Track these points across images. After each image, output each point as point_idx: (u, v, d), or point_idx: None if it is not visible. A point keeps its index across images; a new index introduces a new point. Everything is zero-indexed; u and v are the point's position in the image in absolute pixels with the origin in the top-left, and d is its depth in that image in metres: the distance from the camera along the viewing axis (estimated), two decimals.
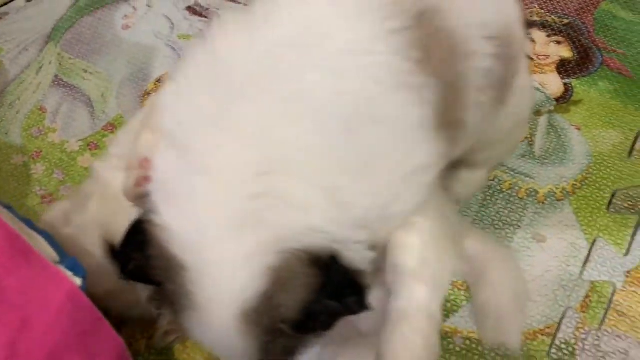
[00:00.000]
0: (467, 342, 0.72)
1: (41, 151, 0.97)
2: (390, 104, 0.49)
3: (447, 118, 0.54)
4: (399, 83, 0.49)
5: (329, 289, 0.49)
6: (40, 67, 1.13)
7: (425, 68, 0.50)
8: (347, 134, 0.48)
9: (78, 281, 0.48)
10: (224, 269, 0.49)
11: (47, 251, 0.51)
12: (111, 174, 0.66)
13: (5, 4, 1.29)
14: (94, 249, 0.63)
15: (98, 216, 0.64)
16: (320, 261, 0.49)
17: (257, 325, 0.50)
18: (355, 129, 0.48)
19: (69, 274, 0.49)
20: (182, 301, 0.51)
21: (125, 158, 0.68)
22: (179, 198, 0.51)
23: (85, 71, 1.11)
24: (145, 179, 0.57)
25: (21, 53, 1.16)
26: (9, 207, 0.59)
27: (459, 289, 0.77)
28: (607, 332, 0.72)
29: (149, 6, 1.25)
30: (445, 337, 0.73)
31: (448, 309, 0.75)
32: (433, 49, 0.51)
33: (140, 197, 0.58)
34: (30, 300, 0.44)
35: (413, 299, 0.56)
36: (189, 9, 1.24)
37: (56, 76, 1.11)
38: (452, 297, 0.76)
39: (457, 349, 0.72)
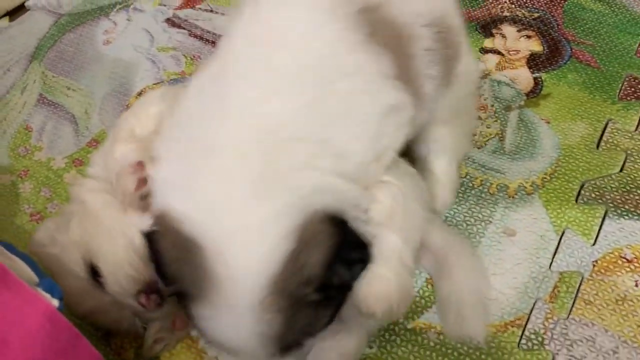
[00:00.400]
0: (441, 336, 0.75)
1: (28, 170, 1.00)
2: (353, 61, 0.60)
3: (405, 78, 0.64)
4: (356, 47, 0.60)
5: (346, 247, 0.56)
6: (25, 87, 1.16)
7: (376, 40, 0.61)
8: (323, 90, 0.58)
9: (55, 302, 0.51)
10: (250, 236, 0.54)
11: (26, 273, 0.54)
12: (89, 195, 0.69)
13: None
14: (77, 268, 0.66)
15: (78, 237, 0.67)
16: (335, 220, 0.56)
17: (283, 293, 0.54)
18: (329, 85, 0.59)
19: (47, 295, 0.52)
20: (202, 286, 0.55)
21: (102, 177, 0.71)
22: (190, 183, 0.56)
23: (68, 88, 1.14)
24: (144, 180, 0.62)
25: (5, 73, 1.19)
26: None
27: (431, 285, 0.79)
28: (575, 320, 0.74)
29: (128, 20, 1.28)
30: (419, 332, 0.75)
31: (422, 305, 0.78)
32: (379, 28, 0.62)
33: (143, 198, 0.63)
34: (7, 322, 0.47)
35: (385, 244, 0.62)
36: (168, 21, 1.26)
37: (40, 95, 1.14)
38: (426, 294, 0.79)
39: (431, 343, 0.74)
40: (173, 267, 0.59)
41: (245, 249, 0.54)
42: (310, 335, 0.62)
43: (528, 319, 0.75)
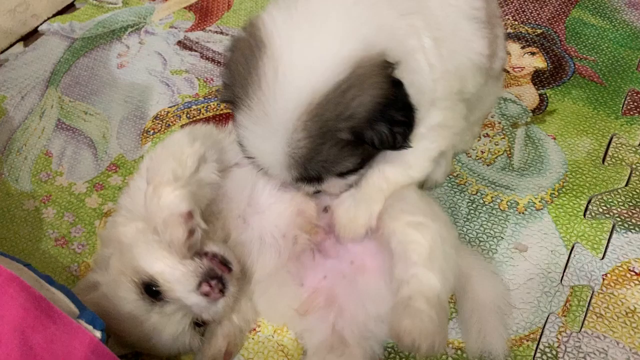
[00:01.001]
0: (459, 352, 0.78)
1: (50, 195, 1.03)
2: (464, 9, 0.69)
3: (490, 48, 0.73)
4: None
5: (394, 106, 0.59)
6: (43, 112, 1.19)
7: (484, 14, 0.71)
8: None
9: (98, 334, 0.54)
10: (308, 51, 0.58)
11: (67, 305, 0.57)
12: (122, 228, 0.72)
13: (3, 50, 1.34)
14: (129, 294, 0.69)
15: (123, 266, 0.70)
16: (391, 75, 0.59)
17: (319, 119, 0.58)
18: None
19: (89, 327, 0.54)
20: (250, 90, 0.59)
21: (131, 209, 0.75)
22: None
23: (86, 113, 1.17)
24: (193, 231, 0.70)
25: (23, 99, 1.22)
26: (28, 265, 0.64)
27: (448, 302, 0.82)
28: (587, 333, 0.77)
29: (140, 43, 1.31)
30: None
31: None
32: (489, 11, 0.73)
33: (191, 248, 0.68)
34: (56, 355, 0.50)
35: (425, 284, 0.66)
36: (179, 43, 1.29)
37: (59, 120, 1.16)
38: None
39: (449, 359, 0.77)
40: (234, 69, 0.62)
41: (299, 63, 0.57)
42: (329, 173, 0.65)
43: (542, 333, 0.78)
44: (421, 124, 0.66)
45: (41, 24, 1.40)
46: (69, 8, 1.46)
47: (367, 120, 0.59)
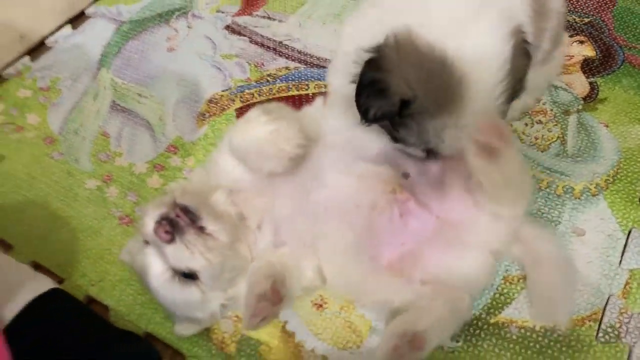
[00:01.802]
0: (522, 330, 0.81)
1: (111, 175, 1.06)
2: None
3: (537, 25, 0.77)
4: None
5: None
6: (97, 94, 1.21)
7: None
8: None
9: None
10: (486, 39, 0.66)
11: None
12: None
13: (52, 32, 1.36)
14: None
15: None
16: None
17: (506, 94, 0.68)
18: None
19: None
20: (447, 97, 0.66)
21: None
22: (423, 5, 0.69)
23: (140, 95, 1.19)
24: None
25: (76, 80, 1.24)
26: None
27: (510, 283, 0.85)
28: None
29: (189, 27, 1.33)
30: (501, 327, 0.81)
31: (502, 302, 0.84)
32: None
33: None
34: None
35: None
36: (227, 27, 1.31)
37: (113, 102, 1.19)
38: (505, 291, 0.84)
39: (514, 337, 0.80)
40: (412, 79, 0.67)
41: (486, 51, 0.66)
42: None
43: (603, 314, 0.81)
44: None
45: (88, 7, 1.42)
46: None
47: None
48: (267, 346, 0.83)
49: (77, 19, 1.40)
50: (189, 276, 0.77)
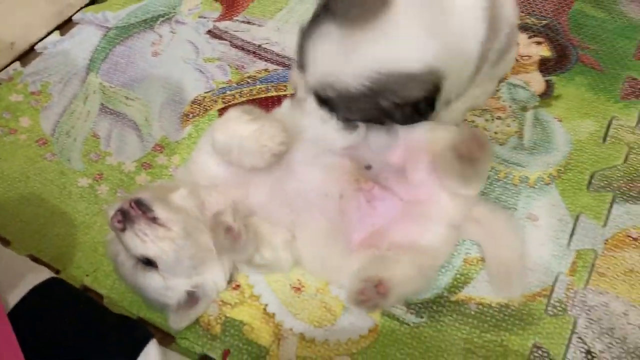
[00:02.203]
0: (480, 306, 0.89)
1: (102, 173, 1.13)
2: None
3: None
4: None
5: None
6: (87, 97, 1.27)
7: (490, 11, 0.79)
8: None
9: None
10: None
11: None
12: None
13: (41, 39, 1.42)
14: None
15: None
16: None
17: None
18: None
19: None
20: None
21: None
22: None
23: (127, 98, 1.26)
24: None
25: (66, 85, 1.31)
26: None
27: (470, 264, 0.93)
28: (591, 289, 0.89)
29: (172, 32, 1.40)
30: (462, 303, 0.90)
31: (462, 281, 0.92)
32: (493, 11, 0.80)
33: None
34: None
35: None
36: (209, 32, 1.38)
37: (102, 104, 1.26)
38: (465, 271, 0.93)
39: (472, 312, 0.89)
40: None
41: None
42: None
43: (552, 290, 0.90)
44: None
45: (75, 13, 1.48)
46: None
47: None
48: (250, 326, 0.91)
49: (65, 26, 1.47)
50: (150, 263, 0.85)
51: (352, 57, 0.72)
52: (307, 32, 0.77)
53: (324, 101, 0.80)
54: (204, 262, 0.88)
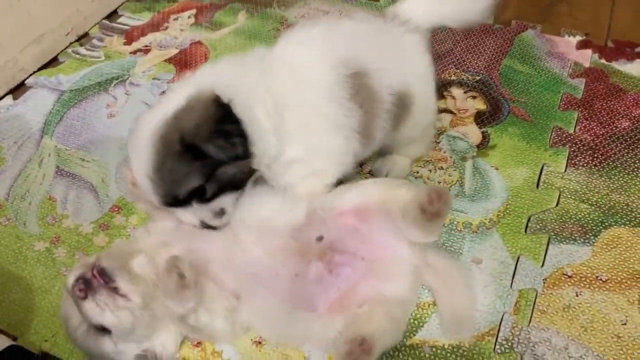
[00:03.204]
0: (434, 349, 0.94)
1: (59, 236, 1.14)
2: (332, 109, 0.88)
3: (365, 131, 0.93)
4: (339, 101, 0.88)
5: (223, 121, 0.81)
6: (41, 160, 1.29)
7: (355, 100, 0.89)
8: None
9: None
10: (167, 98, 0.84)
11: None
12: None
13: None
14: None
15: None
16: (219, 100, 0.80)
17: (162, 137, 0.78)
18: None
19: None
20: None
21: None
22: None
23: (83, 160, 1.28)
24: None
25: (20, 148, 1.32)
26: None
27: (422, 309, 0.99)
28: (534, 327, 0.96)
29: (127, 94, 1.44)
30: (416, 347, 0.94)
31: (416, 325, 0.97)
32: (361, 91, 0.90)
33: None
34: None
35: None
36: (164, 93, 1.43)
37: (57, 167, 1.27)
38: (418, 316, 0.98)
39: (427, 355, 0.94)
40: None
41: (160, 105, 0.82)
42: (183, 192, 0.82)
43: (499, 329, 0.96)
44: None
45: (27, 78, 1.50)
46: (52, 62, 1.56)
47: (201, 135, 0.78)
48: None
49: (17, 90, 1.49)
50: (103, 329, 0.86)
51: None
52: None
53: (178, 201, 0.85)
54: (156, 329, 0.90)
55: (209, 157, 0.79)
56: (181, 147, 0.78)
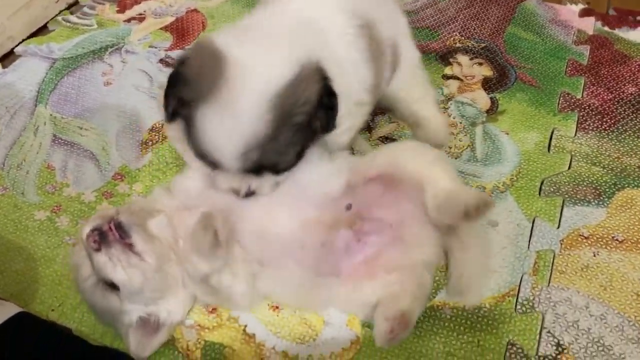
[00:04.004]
0: (454, 310, 0.93)
1: (61, 205, 1.09)
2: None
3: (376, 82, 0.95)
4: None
5: (327, 94, 0.80)
6: (37, 129, 1.23)
7: (369, 50, 0.90)
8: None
9: None
10: (264, 60, 0.76)
11: None
12: None
13: None
14: None
15: None
16: (324, 75, 0.79)
17: (279, 106, 0.74)
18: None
19: None
20: (214, 87, 0.74)
21: None
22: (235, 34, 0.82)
23: (81, 128, 1.23)
24: None
25: (13, 117, 1.26)
26: None
27: (441, 271, 0.97)
28: (554, 287, 0.95)
29: (123, 62, 1.38)
30: (437, 309, 0.93)
31: (435, 288, 0.95)
32: (372, 42, 0.91)
33: None
34: None
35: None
36: (162, 61, 1.38)
37: (54, 135, 1.22)
38: (437, 278, 0.97)
39: (448, 316, 0.92)
40: (190, 76, 0.77)
41: (259, 66, 0.76)
42: (278, 162, 0.81)
43: (519, 290, 0.95)
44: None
45: (16, 46, 1.44)
46: (41, 30, 1.50)
47: (314, 107, 0.77)
48: (231, 349, 0.90)
49: (6, 58, 1.42)
50: (112, 285, 0.83)
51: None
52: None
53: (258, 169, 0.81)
54: (165, 294, 0.87)
55: (313, 130, 0.80)
56: (294, 118, 0.76)
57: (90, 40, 1.45)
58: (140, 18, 1.52)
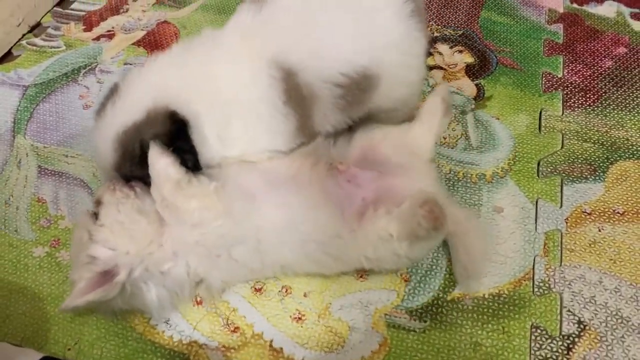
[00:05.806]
0: (475, 300, 0.94)
1: (59, 239, 1.05)
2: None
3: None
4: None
5: (178, 137, 0.88)
6: (19, 161, 1.18)
7: (289, 104, 0.90)
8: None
9: None
10: (128, 98, 0.89)
11: None
12: None
13: None
14: None
15: None
16: (176, 117, 0.86)
17: (122, 144, 0.88)
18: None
19: None
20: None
21: None
22: None
23: (66, 156, 1.19)
24: None
25: None
26: None
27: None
28: (566, 265, 0.97)
29: (99, 82, 1.34)
30: (457, 301, 0.94)
31: (453, 280, 0.96)
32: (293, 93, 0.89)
33: None
34: None
35: None
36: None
37: (39, 166, 1.17)
38: (452, 270, 0.97)
39: (470, 307, 0.93)
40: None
41: (123, 105, 0.89)
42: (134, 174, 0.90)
43: (533, 272, 0.97)
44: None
45: None
46: (6, 57, 1.44)
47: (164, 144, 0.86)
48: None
49: None
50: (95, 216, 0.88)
51: None
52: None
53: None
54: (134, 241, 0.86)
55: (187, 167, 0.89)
56: (140, 153, 0.86)
57: (60, 63, 1.39)
58: (110, 35, 1.47)
